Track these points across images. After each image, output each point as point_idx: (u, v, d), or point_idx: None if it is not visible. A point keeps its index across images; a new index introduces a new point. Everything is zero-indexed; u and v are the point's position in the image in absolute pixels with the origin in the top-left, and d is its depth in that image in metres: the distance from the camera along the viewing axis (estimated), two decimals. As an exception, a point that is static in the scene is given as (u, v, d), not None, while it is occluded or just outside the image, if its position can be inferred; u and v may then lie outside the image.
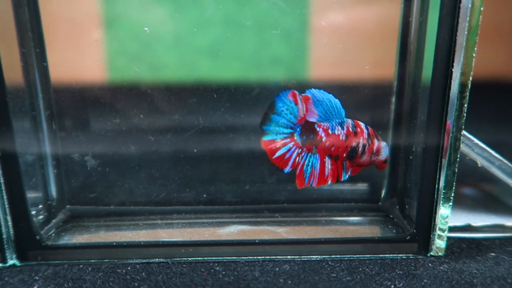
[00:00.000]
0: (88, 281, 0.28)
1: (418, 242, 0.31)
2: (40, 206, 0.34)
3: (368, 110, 0.36)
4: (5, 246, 0.30)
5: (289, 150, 0.29)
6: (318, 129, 0.29)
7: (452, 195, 0.30)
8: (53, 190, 0.36)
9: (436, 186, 0.30)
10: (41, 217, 0.34)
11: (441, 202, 0.31)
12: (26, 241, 0.31)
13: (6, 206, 0.30)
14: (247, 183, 0.37)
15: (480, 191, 0.41)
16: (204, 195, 0.37)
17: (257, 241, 0.32)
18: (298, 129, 0.29)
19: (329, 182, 0.31)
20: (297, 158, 0.29)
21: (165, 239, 0.32)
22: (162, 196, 0.37)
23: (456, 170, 0.30)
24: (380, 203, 0.37)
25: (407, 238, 0.31)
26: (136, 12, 0.33)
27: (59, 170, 0.35)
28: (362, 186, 0.38)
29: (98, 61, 0.35)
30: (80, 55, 0.35)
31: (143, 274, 0.29)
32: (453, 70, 0.29)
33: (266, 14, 0.34)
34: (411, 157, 0.34)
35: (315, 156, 0.29)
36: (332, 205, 0.37)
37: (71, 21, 0.34)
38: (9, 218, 0.30)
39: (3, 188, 0.29)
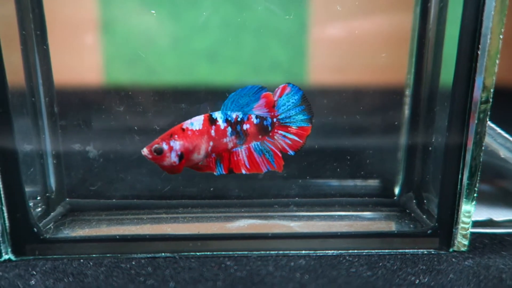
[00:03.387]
0: (90, 276, 0.26)
1: (439, 237, 0.30)
2: (38, 198, 0.32)
3: (379, 110, 0.35)
4: (0, 239, 0.28)
5: None
6: None
7: (476, 188, 0.29)
8: (52, 182, 0.34)
9: (459, 179, 0.29)
10: (38, 210, 0.32)
11: (464, 196, 0.29)
12: (22, 234, 0.29)
13: (2, 195, 0.28)
14: (257, 177, 0.35)
15: (500, 186, 0.40)
16: (211, 189, 0.35)
17: (270, 234, 0.30)
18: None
19: None
20: None
21: (171, 233, 0.30)
22: (167, 189, 0.35)
23: (480, 164, 0.28)
24: (395, 198, 0.36)
25: (428, 232, 0.30)
26: (134, 15, 0.33)
27: (59, 161, 0.34)
28: (375, 181, 0.37)
29: (96, 64, 0.34)
30: (77, 57, 0.34)
31: (149, 268, 0.27)
32: (477, 64, 0.27)
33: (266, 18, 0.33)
34: (430, 148, 0.32)
35: None
36: (345, 200, 0.35)
37: (69, 24, 0.33)
38: (4, 208, 0.28)
39: (-2, 176, 0.28)
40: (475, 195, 0.29)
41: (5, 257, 0.29)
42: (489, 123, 0.31)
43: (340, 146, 0.35)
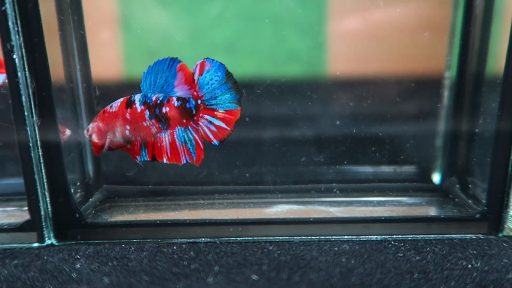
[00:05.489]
0: (134, 260, 0.26)
1: (488, 221, 0.29)
2: (77, 184, 0.33)
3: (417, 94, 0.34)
4: (43, 224, 0.28)
5: None
6: None
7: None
8: (90, 169, 0.34)
9: (511, 163, 0.28)
10: (77, 196, 0.32)
11: (515, 178, 0.28)
12: (65, 219, 0.29)
13: (44, 180, 0.28)
14: (293, 163, 0.35)
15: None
16: (247, 175, 0.35)
17: (311, 219, 0.29)
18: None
19: None
20: None
21: (212, 218, 0.30)
22: (202, 175, 0.34)
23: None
24: (436, 183, 0.35)
25: (477, 216, 0.29)
26: (152, 9, 0.32)
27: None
28: (415, 166, 0.36)
29: (116, 58, 0.34)
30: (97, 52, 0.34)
31: (191, 253, 0.27)
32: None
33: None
34: (476, 131, 0.31)
35: None
36: (384, 185, 0.35)
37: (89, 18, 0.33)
38: (47, 193, 0.28)
39: (41, 160, 0.28)
40: (527, 178, 0.28)
41: (48, 242, 0.29)
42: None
43: (381, 132, 0.34)
